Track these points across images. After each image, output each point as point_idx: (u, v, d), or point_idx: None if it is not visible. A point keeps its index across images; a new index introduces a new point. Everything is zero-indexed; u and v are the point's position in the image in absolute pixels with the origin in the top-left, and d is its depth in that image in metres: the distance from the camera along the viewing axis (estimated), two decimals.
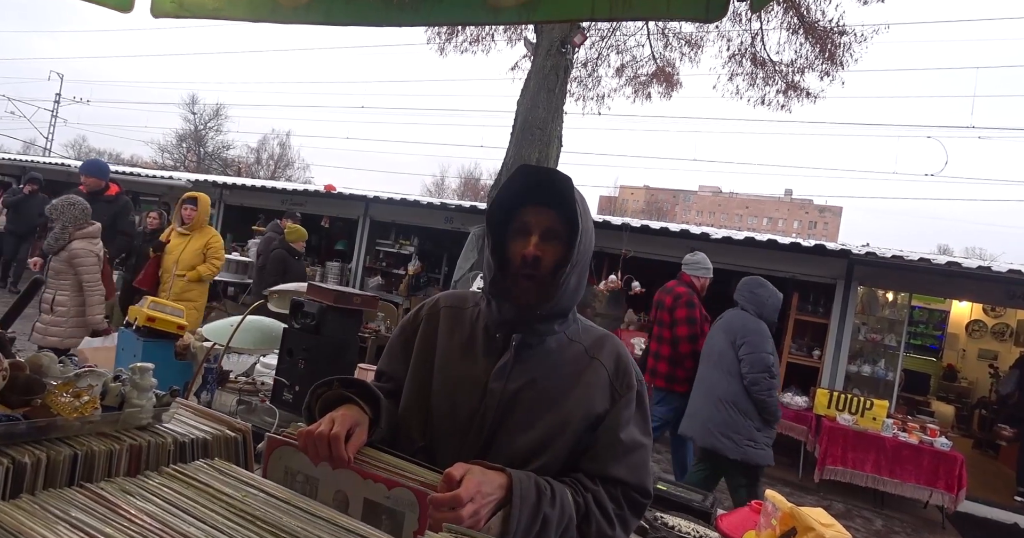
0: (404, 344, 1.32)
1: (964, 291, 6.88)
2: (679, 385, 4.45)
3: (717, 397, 3.69)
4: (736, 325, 3.75)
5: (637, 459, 1.17)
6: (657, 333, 4.68)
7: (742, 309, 3.82)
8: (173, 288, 5.20)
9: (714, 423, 3.66)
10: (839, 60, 8.92)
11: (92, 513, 0.82)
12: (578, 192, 1.19)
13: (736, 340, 3.68)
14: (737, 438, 3.58)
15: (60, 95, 29.65)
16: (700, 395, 3.86)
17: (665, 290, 4.70)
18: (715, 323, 4.01)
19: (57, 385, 1.03)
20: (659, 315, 4.65)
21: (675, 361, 4.50)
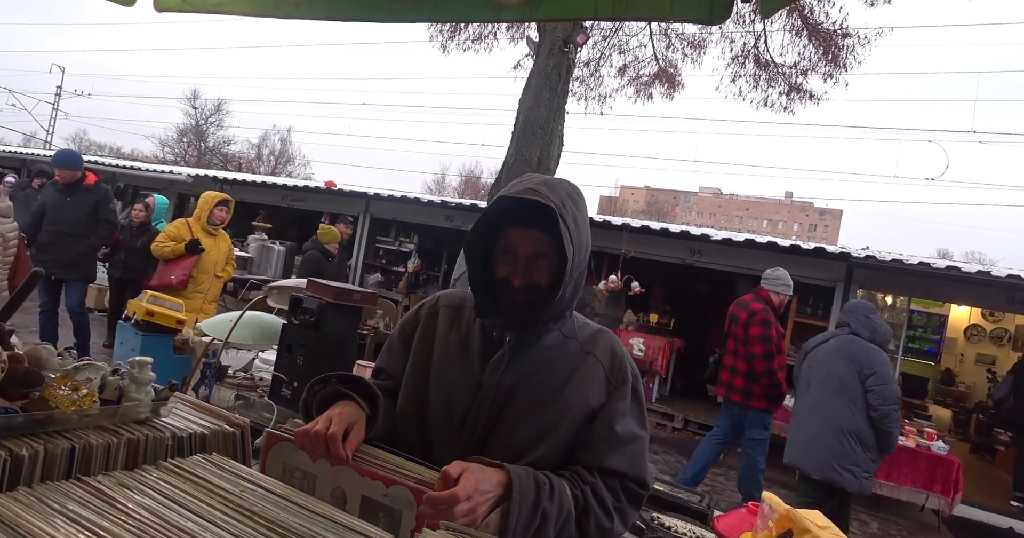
0: (403, 342, 1.33)
1: (963, 295, 6.88)
2: (756, 401, 4.40)
3: (840, 428, 3.52)
4: (860, 354, 3.56)
5: (634, 450, 1.17)
6: (732, 347, 4.55)
7: (853, 333, 3.64)
8: (211, 289, 5.19)
9: (835, 455, 3.50)
10: (842, 62, 8.91)
11: (89, 506, 0.82)
12: (568, 204, 1.12)
13: (863, 370, 3.51)
14: (857, 471, 3.46)
15: (61, 88, 29.65)
16: (815, 424, 3.64)
17: (740, 304, 4.61)
18: (822, 347, 3.80)
19: (55, 378, 1.03)
20: (733, 329, 4.55)
21: (752, 377, 4.42)
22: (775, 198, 68.65)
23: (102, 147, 40.62)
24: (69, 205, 5.17)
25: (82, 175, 5.25)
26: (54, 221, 5.14)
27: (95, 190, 5.29)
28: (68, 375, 1.05)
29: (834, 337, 3.78)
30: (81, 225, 5.17)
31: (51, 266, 5.13)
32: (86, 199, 5.21)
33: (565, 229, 1.09)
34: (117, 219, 5.76)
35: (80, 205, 5.19)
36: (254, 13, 1.63)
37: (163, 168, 12.62)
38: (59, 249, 5.12)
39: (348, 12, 1.56)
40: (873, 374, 3.48)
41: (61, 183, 5.19)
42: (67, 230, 5.12)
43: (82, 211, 5.18)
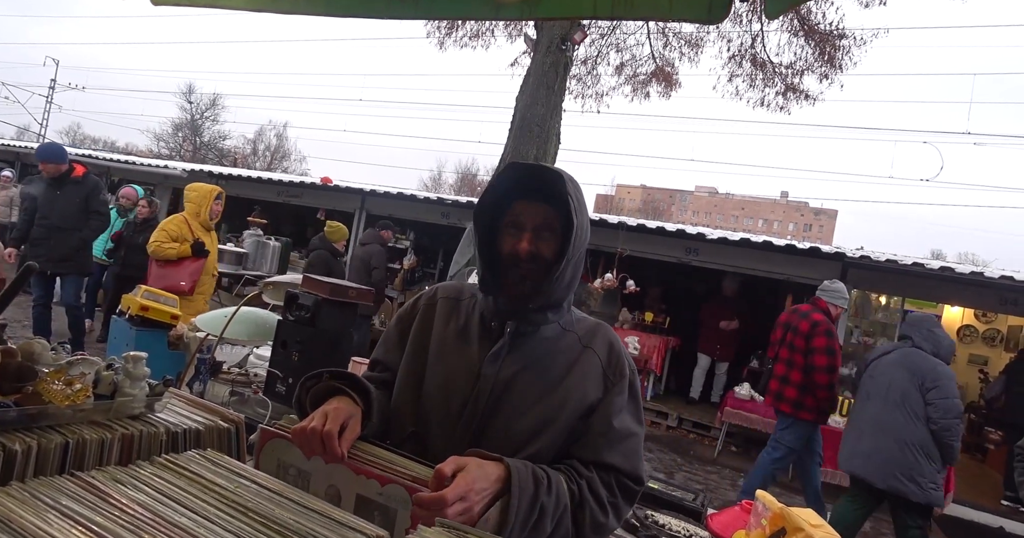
0: (400, 333, 1.32)
1: (956, 296, 6.92)
2: (806, 413, 4.35)
3: (903, 440, 3.57)
4: (924, 367, 3.60)
5: (630, 446, 1.18)
6: (787, 357, 4.47)
7: (915, 346, 3.68)
8: (208, 289, 4.92)
9: (898, 466, 3.56)
10: (838, 63, 8.94)
11: (83, 502, 0.81)
12: (573, 186, 1.18)
13: (925, 383, 3.56)
14: (923, 482, 3.51)
15: (55, 81, 29.41)
16: (876, 435, 3.69)
17: (799, 313, 4.55)
18: (884, 358, 3.83)
19: (49, 372, 1.02)
20: (791, 339, 4.46)
21: (806, 388, 4.36)
22: (771, 198, 68.83)
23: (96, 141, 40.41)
24: (59, 198, 5.13)
25: (69, 168, 5.19)
26: (45, 215, 5.10)
27: (84, 182, 5.23)
28: (62, 370, 1.04)
29: (896, 350, 3.81)
30: (72, 218, 5.12)
31: (44, 260, 5.10)
32: (76, 192, 5.16)
33: (571, 201, 1.14)
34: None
35: (70, 198, 5.14)
36: (251, 8, 1.62)
37: (158, 163, 12.55)
38: (51, 243, 5.08)
39: (346, 8, 1.55)
40: (935, 388, 3.52)
41: (49, 177, 5.13)
42: (58, 224, 5.08)
43: (72, 204, 5.14)
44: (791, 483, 6.07)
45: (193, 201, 4.84)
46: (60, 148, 5.45)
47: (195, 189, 4.93)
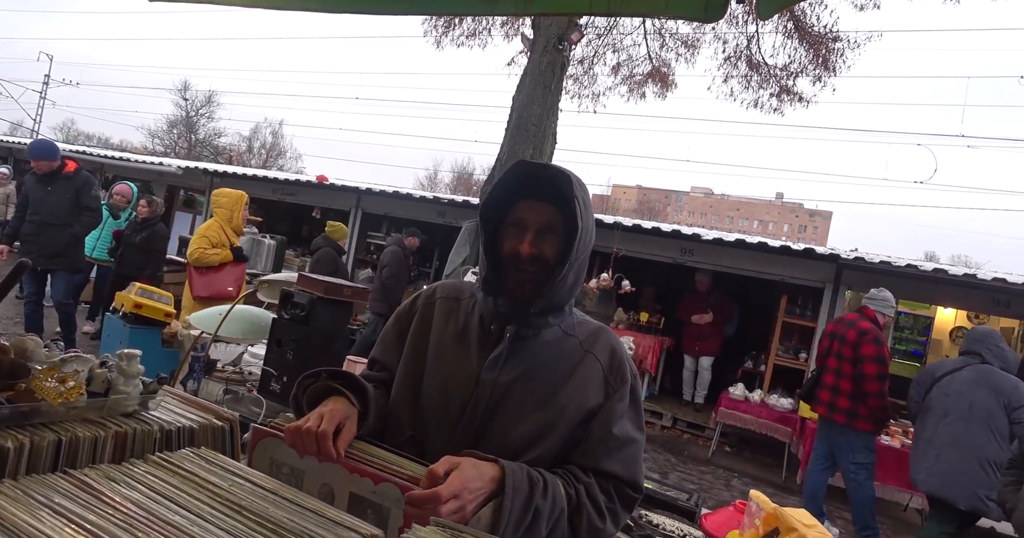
0: (399, 333, 1.31)
1: (949, 298, 6.95)
2: (861, 422, 4.33)
3: (985, 458, 3.57)
4: (1007, 386, 3.62)
5: (630, 453, 1.17)
6: (835, 367, 4.43)
7: (986, 362, 3.71)
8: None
9: (982, 486, 3.54)
10: (832, 66, 8.99)
11: (75, 500, 0.81)
12: (580, 186, 1.16)
13: (1011, 403, 3.57)
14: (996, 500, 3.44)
15: (49, 76, 29.26)
16: (958, 455, 3.66)
17: (845, 322, 4.52)
18: (956, 375, 3.82)
19: (42, 370, 1.02)
20: (839, 348, 4.44)
21: (857, 397, 4.35)
22: (766, 199, 69.02)
23: (90, 137, 40.18)
24: (50, 194, 5.09)
25: (61, 164, 5.16)
26: (36, 211, 5.07)
27: (75, 178, 5.19)
28: (55, 367, 1.04)
29: (967, 366, 3.80)
30: (63, 214, 5.08)
31: (35, 257, 5.07)
32: (67, 188, 5.12)
33: (577, 203, 1.12)
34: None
35: (61, 194, 5.11)
36: (247, 4, 1.61)
37: (152, 159, 12.49)
38: (42, 239, 5.05)
39: (342, 4, 1.55)
40: (1021, 407, 3.55)
41: (40, 173, 5.10)
42: (49, 220, 5.04)
43: (63, 200, 5.10)
44: (784, 483, 6.10)
45: (225, 207, 4.80)
46: (51, 145, 5.40)
47: (225, 195, 4.88)
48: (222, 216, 4.75)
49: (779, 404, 6.43)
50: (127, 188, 6.94)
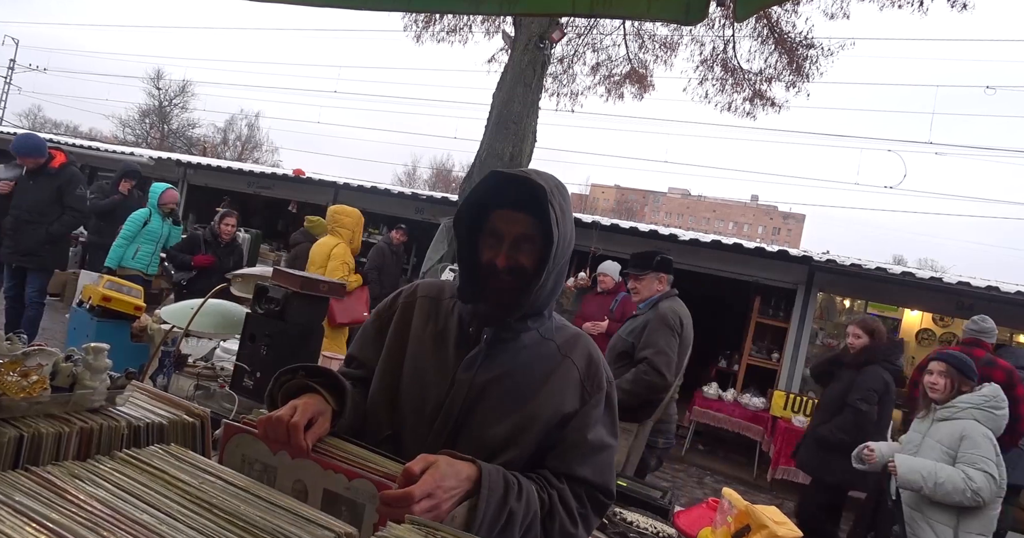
0: (378, 330, 1.30)
1: (916, 300, 7.13)
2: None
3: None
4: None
5: (603, 460, 1.17)
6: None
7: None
8: None
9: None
10: (805, 72, 9.17)
11: (38, 498, 0.78)
12: (556, 192, 1.14)
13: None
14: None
15: (15, 61, 28.37)
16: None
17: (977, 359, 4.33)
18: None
19: (3, 363, 0.98)
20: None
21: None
22: (741, 201, 70.02)
23: (58, 125, 39.06)
24: (31, 189, 4.89)
25: (47, 159, 4.95)
26: (16, 205, 4.87)
27: (59, 174, 4.95)
28: (17, 361, 1.00)
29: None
30: (42, 211, 4.87)
31: (10, 253, 4.90)
32: (48, 184, 4.91)
33: (552, 212, 1.10)
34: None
35: (42, 189, 4.89)
36: None
37: (123, 149, 12.20)
38: (18, 236, 4.86)
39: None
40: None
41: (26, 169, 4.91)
42: (27, 216, 4.84)
43: (43, 195, 4.89)
44: (755, 481, 6.20)
45: (348, 227, 4.68)
46: (38, 141, 5.09)
47: (348, 214, 4.73)
48: (345, 236, 4.64)
49: (751, 403, 6.54)
50: (176, 194, 5.97)
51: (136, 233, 5.57)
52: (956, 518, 2.79)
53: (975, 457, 2.75)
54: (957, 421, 2.87)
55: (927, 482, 2.79)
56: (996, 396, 2.90)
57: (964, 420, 2.86)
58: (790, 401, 6.10)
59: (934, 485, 2.78)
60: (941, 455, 2.87)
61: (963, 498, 2.70)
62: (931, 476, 2.80)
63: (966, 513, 2.77)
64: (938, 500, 2.80)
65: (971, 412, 2.86)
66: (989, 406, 2.88)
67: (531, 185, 1.12)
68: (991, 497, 2.72)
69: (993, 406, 2.88)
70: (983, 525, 2.77)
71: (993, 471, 2.72)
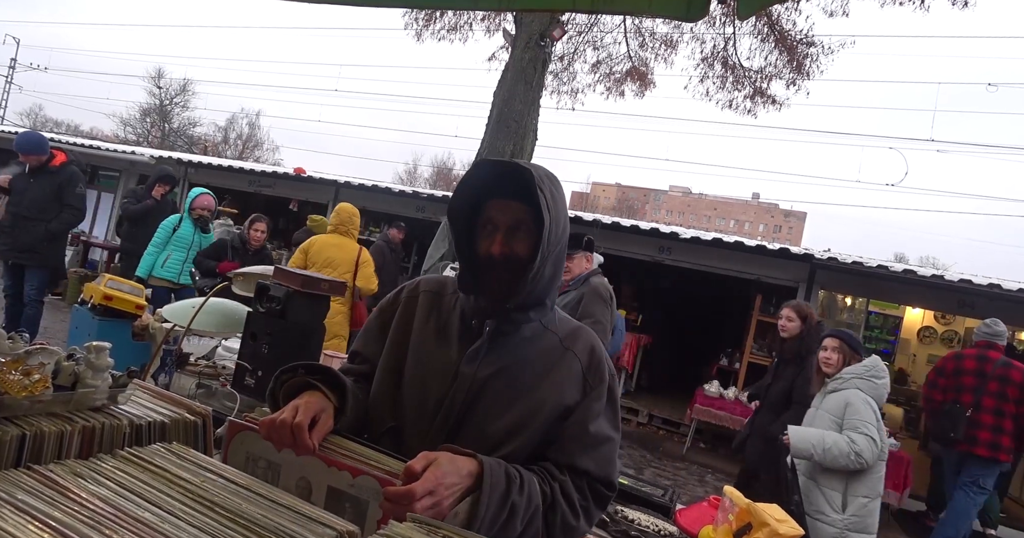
0: (381, 326, 1.31)
1: (918, 298, 7.12)
2: (1005, 455, 4.52)
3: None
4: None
5: (605, 452, 1.18)
6: (994, 406, 4.51)
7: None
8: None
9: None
10: (806, 71, 9.16)
11: (40, 496, 0.78)
12: (546, 179, 1.16)
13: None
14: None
15: (16, 60, 28.38)
16: None
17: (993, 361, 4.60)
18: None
19: (6, 362, 0.98)
20: (1000, 389, 4.53)
21: (1016, 434, 4.52)
22: (742, 199, 69.95)
23: (59, 124, 39.07)
24: (31, 187, 4.92)
25: (50, 157, 4.99)
26: (15, 203, 4.91)
27: (59, 172, 4.99)
28: (19, 359, 1.00)
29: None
30: (41, 208, 4.90)
31: (9, 250, 4.92)
32: (49, 182, 4.94)
33: (542, 196, 1.12)
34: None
35: (42, 187, 4.92)
36: None
37: (124, 148, 12.21)
38: (16, 233, 4.89)
39: None
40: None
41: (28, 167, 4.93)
42: (25, 213, 4.87)
43: (43, 193, 4.91)
44: None
45: (358, 228, 4.76)
46: (40, 139, 5.12)
47: (357, 214, 4.82)
48: (355, 237, 4.72)
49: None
50: (211, 199, 5.58)
51: (166, 240, 5.32)
52: (845, 483, 2.94)
53: (857, 422, 2.91)
54: (843, 391, 3.04)
55: (816, 449, 2.93)
56: (876, 366, 3.08)
57: (849, 390, 3.02)
58: None
59: (823, 451, 2.92)
60: (830, 424, 3.02)
61: (848, 462, 2.86)
62: (819, 443, 2.93)
63: (853, 478, 2.92)
64: (827, 466, 2.95)
65: (854, 382, 3.03)
66: (870, 375, 3.04)
67: (520, 171, 1.14)
68: (873, 459, 2.88)
69: (874, 375, 3.04)
70: (868, 488, 2.92)
71: (874, 434, 2.88)
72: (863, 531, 2.87)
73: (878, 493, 2.95)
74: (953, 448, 4.68)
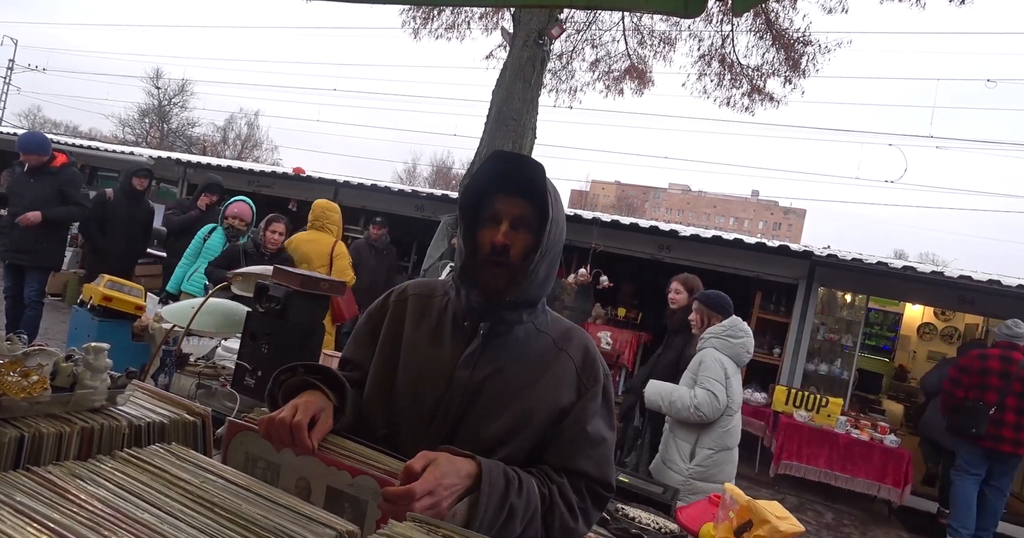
0: (371, 331, 1.30)
1: (917, 295, 7.12)
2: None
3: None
4: None
5: (601, 453, 1.17)
6: (1016, 405, 4.71)
7: None
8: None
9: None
10: (802, 69, 9.16)
11: (39, 498, 0.78)
12: (550, 182, 1.18)
13: None
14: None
15: (14, 61, 28.36)
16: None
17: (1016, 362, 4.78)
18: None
19: (4, 364, 0.98)
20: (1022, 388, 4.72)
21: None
22: (742, 196, 69.94)
23: (58, 125, 39.02)
24: (31, 188, 4.94)
25: (50, 158, 5.00)
26: (14, 204, 4.92)
27: (59, 173, 5.00)
28: (17, 361, 1.00)
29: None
30: (39, 208, 4.89)
31: (7, 251, 4.93)
32: (49, 183, 4.95)
33: (548, 191, 1.15)
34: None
35: (42, 188, 4.94)
36: None
37: (123, 149, 12.20)
38: (15, 233, 4.89)
39: None
40: None
41: (28, 168, 4.95)
42: (23, 213, 4.90)
43: (43, 194, 4.92)
44: (756, 476, 6.20)
45: (336, 224, 4.81)
46: (42, 139, 5.12)
47: (336, 210, 4.88)
48: (336, 233, 4.73)
49: (753, 399, 6.53)
50: (246, 208, 5.10)
51: (197, 252, 4.95)
52: (696, 435, 3.12)
53: (703, 378, 3.09)
54: (702, 350, 3.21)
55: (664, 402, 3.18)
56: (734, 326, 3.24)
57: (706, 349, 3.19)
58: (792, 396, 6.10)
59: (668, 404, 3.15)
60: (688, 380, 3.19)
61: (689, 414, 3.05)
62: (667, 396, 3.17)
63: (703, 431, 3.10)
64: (674, 417, 3.18)
65: (711, 341, 3.20)
66: (727, 335, 3.20)
67: (530, 166, 1.17)
68: (712, 413, 3.04)
69: (730, 335, 3.20)
70: (714, 440, 3.10)
71: (715, 389, 3.04)
72: (708, 480, 3.02)
73: (725, 446, 3.10)
74: (977, 444, 4.84)
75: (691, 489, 2.96)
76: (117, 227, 5.94)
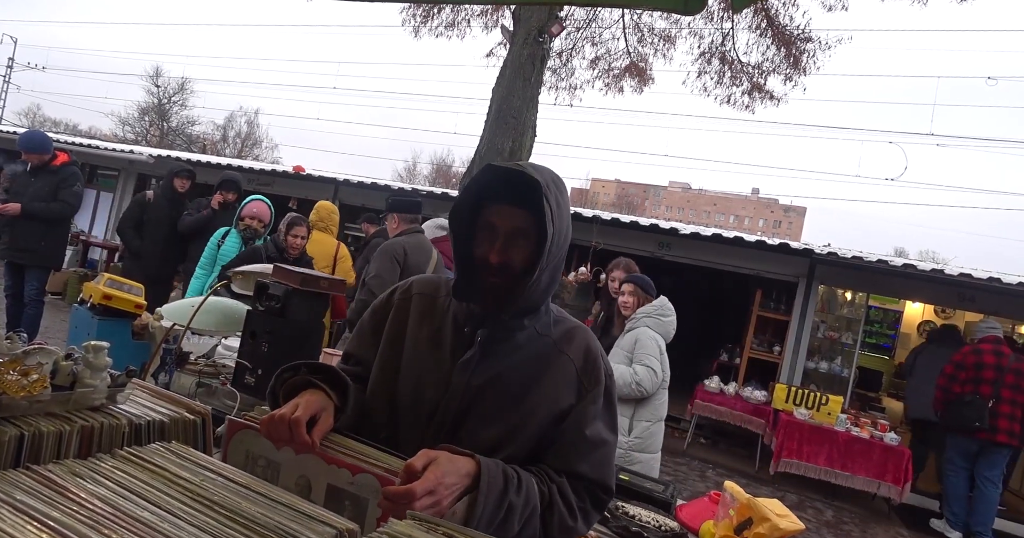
0: (374, 328, 1.30)
1: (917, 292, 7.12)
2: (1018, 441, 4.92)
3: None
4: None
5: (601, 456, 1.17)
6: (1011, 397, 4.90)
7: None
8: None
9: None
10: (803, 66, 9.15)
11: (39, 496, 0.78)
12: (552, 186, 1.12)
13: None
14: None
15: (13, 60, 28.32)
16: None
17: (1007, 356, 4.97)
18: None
19: (3, 362, 0.98)
20: (1015, 381, 4.89)
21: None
22: (742, 194, 69.89)
23: (57, 123, 38.96)
24: (32, 186, 4.95)
25: (51, 156, 5.00)
26: (14, 201, 4.93)
27: (59, 171, 5.00)
28: (17, 359, 1.00)
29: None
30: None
31: (8, 249, 4.93)
32: (48, 181, 4.95)
33: (547, 206, 1.08)
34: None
35: (42, 187, 4.94)
36: None
37: (123, 147, 12.19)
38: (15, 231, 4.90)
39: None
40: None
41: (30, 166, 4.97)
42: (25, 212, 4.91)
43: (43, 192, 4.92)
44: (757, 474, 6.21)
45: (336, 225, 4.85)
46: (43, 138, 5.11)
47: (335, 212, 4.91)
48: (335, 234, 4.81)
49: (753, 396, 6.54)
50: (265, 208, 4.61)
51: (213, 258, 4.48)
52: (633, 409, 3.24)
53: (642, 355, 3.20)
54: (635, 329, 3.32)
55: None
56: (664, 306, 3.37)
57: (639, 328, 3.30)
58: (792, 394, 6.10)
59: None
60: (622, 358, 3.27)
61: (630, 390, 3.14)
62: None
63: (640, 405, 3.24)
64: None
65: (644, 321, 3.31)
66: (657, 313, 3.33)
67: (526, 179, 1.10)
68: (652, 387, 3.17)
69: (660, 314, 3.34)
70: (650, 413, 3.24)
71: (654, 365, 3.17)
72: (645, 451, 3.17)
73: (659, 418, 3.26)
74: (974, 437, 4.97)
75: (629, 460, 3.08)
76: (155, 230, 5.52)
